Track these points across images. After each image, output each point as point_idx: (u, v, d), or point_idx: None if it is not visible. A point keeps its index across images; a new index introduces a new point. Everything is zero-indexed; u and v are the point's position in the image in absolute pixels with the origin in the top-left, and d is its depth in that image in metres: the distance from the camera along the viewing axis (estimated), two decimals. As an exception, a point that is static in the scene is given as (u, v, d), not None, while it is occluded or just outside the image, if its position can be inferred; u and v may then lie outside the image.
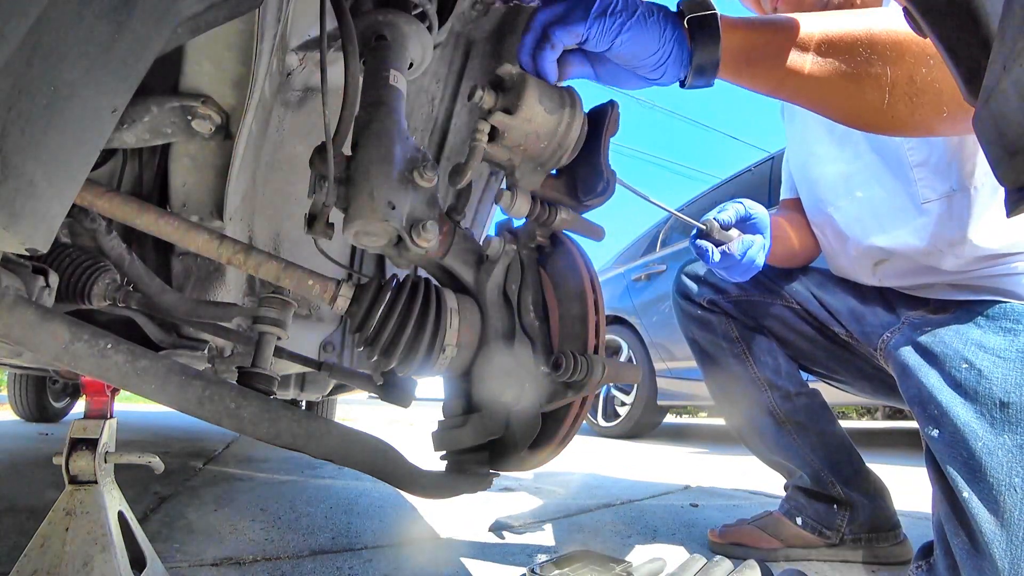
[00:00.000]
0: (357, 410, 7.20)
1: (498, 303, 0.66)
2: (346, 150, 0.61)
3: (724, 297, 1.19)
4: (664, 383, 3.72)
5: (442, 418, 0.68)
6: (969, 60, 0.34)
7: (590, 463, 2.62)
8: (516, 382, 0.61)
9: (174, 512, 1.33)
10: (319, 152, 0.57)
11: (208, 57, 0.60)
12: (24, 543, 0.70)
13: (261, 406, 0.56)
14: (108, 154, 0.77)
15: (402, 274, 0.68)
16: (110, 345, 0.51)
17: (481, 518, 1.40)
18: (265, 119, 0.82)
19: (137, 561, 0.76)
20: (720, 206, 1.00)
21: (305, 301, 1.21)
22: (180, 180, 0.76)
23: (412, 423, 5.41)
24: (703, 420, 8.26)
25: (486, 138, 0.58)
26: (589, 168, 0.65)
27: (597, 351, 0.61)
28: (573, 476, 2.20)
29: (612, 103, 0.65)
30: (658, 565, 0.86)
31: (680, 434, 4.83)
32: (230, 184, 0.74)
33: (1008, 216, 0.30)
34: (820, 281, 1.14)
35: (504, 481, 1.93)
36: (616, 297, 4.20)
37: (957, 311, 0.90)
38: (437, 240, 0.61)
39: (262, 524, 1.24)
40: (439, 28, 0.78)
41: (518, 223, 0.70)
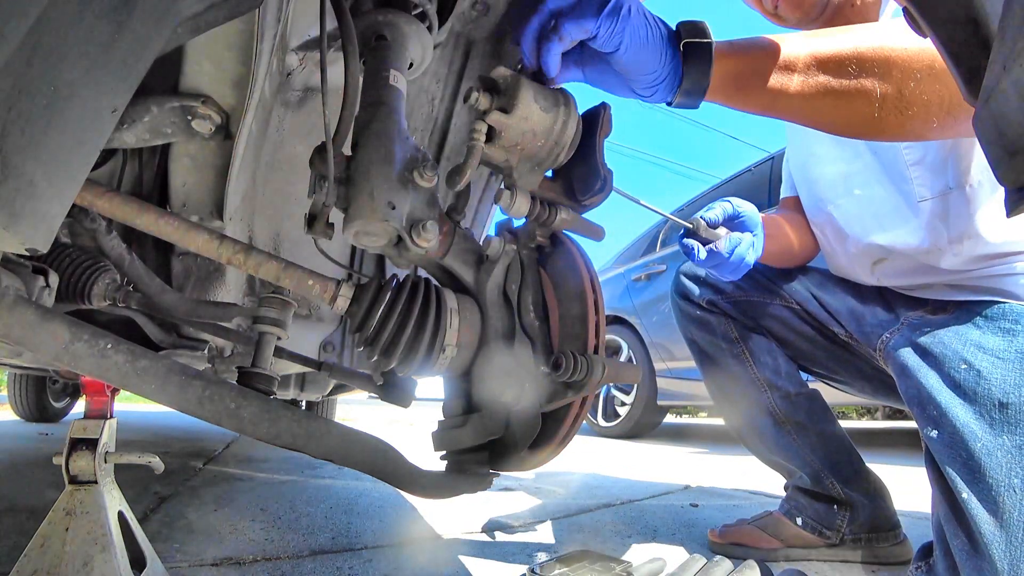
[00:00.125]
0: (357, 410, 7.20)
1: (498, 303, 0.66)
2: (346, 150, 0.61)
3: (723, 297, 1.19)
4: (664, 383, 3.72)
5: (442, 418, 0.68)
6: (969, 60, 0.34)
7: (590, 463, 2.62)
8: (516, 382, 0.61)
9: (174, 512, 1.33)
10: (319, 152, 0.57)
11: (208, 57, 0.60)
12: (24, 543, 0.70)
13: (261, 406, 0.56)
14: (108, 154, 0.78)
15: (402, 274, 0.68)
16: (110, 345, 0.51)
17: (481, 518, 1.40)
18: (265, 119, 0.82)
19: (137, 561, 0.76)
20: (708, 205, 1.01)
21: (305, 301, 1.21)
22: (180, 180, 0.76)
23: (412, 423, 5.41)
24: (703, 420, 8.26)
25: (484, 138, 0.58)
26: (586, 168, 0.66)
27: (597, 351, 0.61)
28: (573, 476, 2.20)
29: (604, 105, 0.66)
30: (658, 565, 0.86)
31: (680, 434, 4.83)
32: (230, 184, 0.74)
33: (1008, 216, 0.30)
34: (819, 281, 1.14)
35: (504, 481, 1.93)
36: (616, 297, 4.20)
37: (956, 311, 0.90)
38: (437, 240, 0.61)
39: (262, 524, 1.24)
40: (439, 28, 0.78)
41: (518, 223, 0.70)
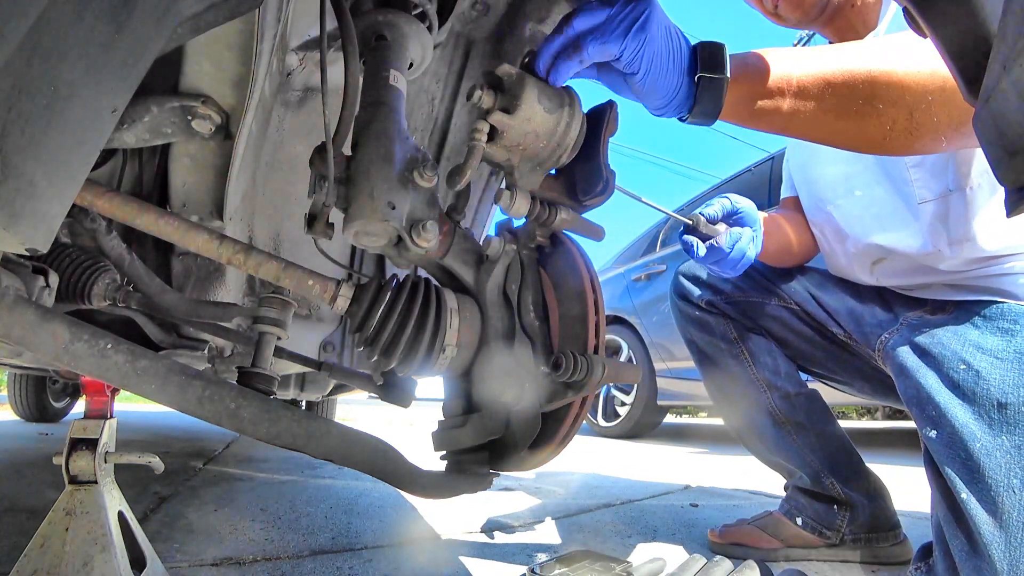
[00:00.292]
0: (357, 410, 7.20)
1: (498, 303, 0.65)
2: (346, 150, 0.61)
3: (722, 298, 1.19)
4: (664, 383, 3.72)
5: (442, 418, 0.68)
6: (969, 60, 0.34)
7: (590, 463, 2.62)
8: (516, 382, 0.61)
9: (174, 512, 1.33)
10: (319, 152, 0.57)
11: (208, 57, 0.60)
12: (24, 543, 0.70)
13: (261, 406, 0.56)
14: (108, 154, 0.78)
15: (402, 274, 0.68)
16: (110, 345, 0.51)
17: (481, 518, 1.40)
18: (265, 119, 0.82)
19: (137, 561, 0.76)
20: (707, 202, 1.01)
21: (305, 301, 1.21)
22: (180, 180, 0.76)
23: (412, 423, 5.41)
24: (703, 420, 8.26)
25: (485, 138, 0.58)
26: (588, 168, 0.65)
27: (597, 351, 0.61)
28: (573, 476, 2.20)
29: (611, 103, 0.65)
30: (658, 565, 0.86)
31: (680, 434, 4.83)
32: (230, 184, 0.74)
33: (1008, 216, 0.30)
34: (818, 281, 1.14)
35: (504, 481, 1.93)
36: (616, 297, 4.20)
37: (955, 312, 0.90)
38: (437, 240, 0.61)
39: (262, 524, 1.24)
40: (439, 28, 0.78)
41: (518, 223, 0.70)
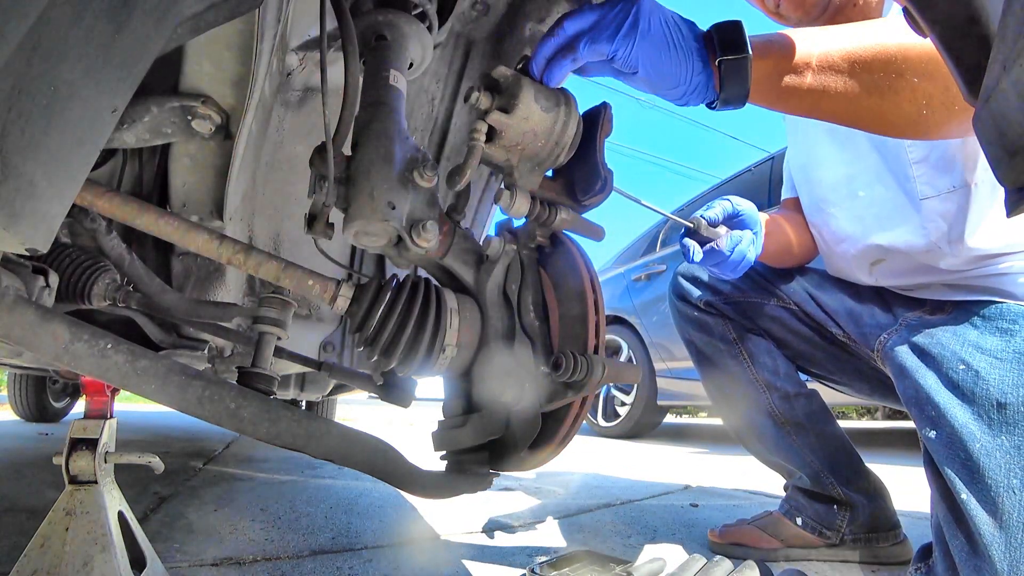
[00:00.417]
0: (357, 410, 7.20)
1: (498, 303, 0.65)
2: (346, 150, 0.61)
3: (721, 299, 1.19)
4: (664, 383, 3.72)
5: (442, 418, 0.68)
6: (969, 60, 0.34)
7: (590, 463, 2.62)
8: (516, 382, 0.61)
9: (174, 512, 1.33)
10: (319, 152, 0.57)
11: (208, 57, 0.60)
12: (24, 543, 0.70)
13: (261, 406, 0.56)
14: (108, 154, 0.78)
15: (402, 274, 0.68)
16: (110, 345, 0.51)
17: (481, 518, 1.40)
18: (265, 119, 0.82)
19: (137, 561, 0.76)
20: (708, 204, 1.01)
21: (305, 301, 1.21)
22: (180, 180, 0.76)
23: (412, 423, 5.41)
24: (703, 420, 8.26)
25: (484, 138, 0.58)
26: (586, 168, 0.66)
27: (597, 351, 0.61)
28: (573, 476, 2.20)
29: (605, 104, 0.66)
30: (658, 565, 0.86)
31: (680, 434, 4.83)
32: (230, 184, 0.74)
33: (1008, 216, 0.30)
34: (817, 282, 1.14)
35: (504, 481, 1.93)
36: (616, 297, 4.20)
37: (954, 312, 0.90)
38: (437, 240, 0.61)
39: (262, 524, 1.24)
40: (439, 28, 0.78)
41: (518, 223, 0.70)
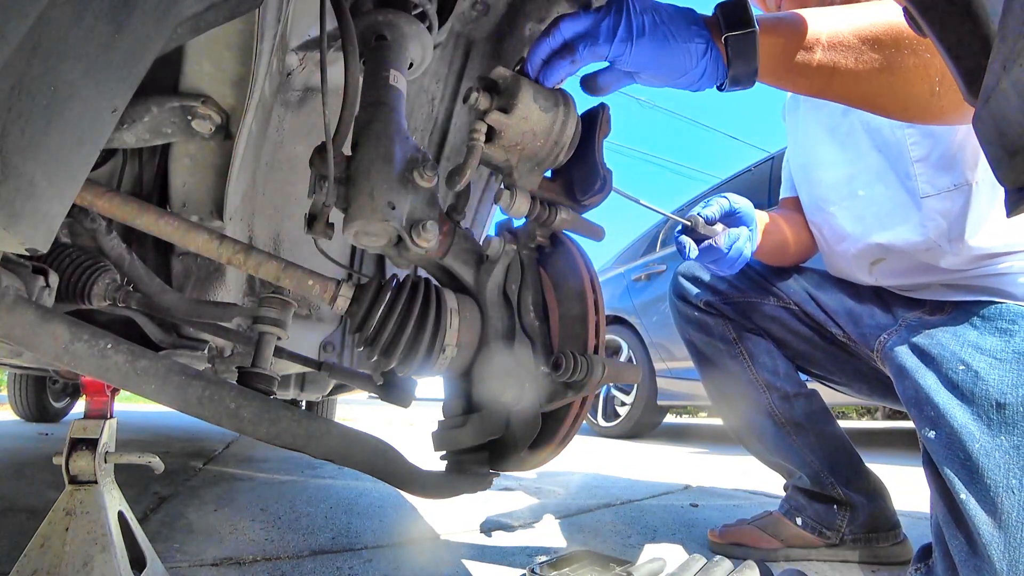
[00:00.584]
0: (357, 410, 7.20)
1: (498, 303, 0.66)
2: (346, 150, 0.61)
3: (721, 299, 1.19)
4: (664, 383, 3.72)
5: (442, 418, 0.68)
6: (969, 60, 0.34)
7: (590, 463, 2.62)
8: (516, 382, 0.61)
9: (174, 512, 1.32)
10: (319, 152, 0.57)
11: (208, 57, 0.60)
12: (24, 543, 0.70)
13: (261, 406, 0.56)
14: (108, 154, 0.78)
15: (402, 274, 0.68)
16: (110, 345, 0.51)
17: (481, 518, 1.40)
18: (265, 119, 0.82)
19: (137, 561, 0.76)
20: (704, 201, 1.00)
21: (305, 301, 1.21)
22: (180, 180, 0.76)
23: (412, 423, 5.41)
24: (703, 420, 8.26)
25: (483, 138, 0.58)
26: (585, 168, 0.66)
27: (597, 351, 0.61)
28: (573, 476, 2.20)
29: (603, 105, 0.66)
30: (658, 565, 0.86)
31: (680, 434, 4.83)
32: (230, 184, 0.74)
33: (1008, 216, 0.30)
34: (817, 282, 1.14)
35: (504, 481, 1.93)
36: (616, 297, 4.20)
37: (953, 312, 0.90)
38: (437, 240, 0.61)
39: (262, 524, 1.24)
40: (439, 28, 0.78)
41: (518, 223, 0.70)
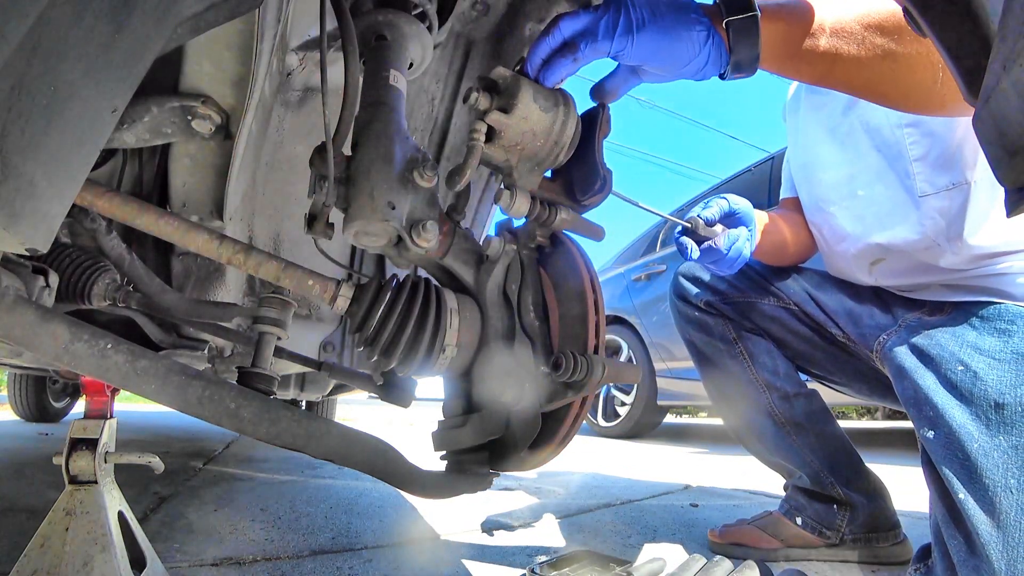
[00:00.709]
0: (357, 410, 7.20)
1: (498, 303, 0.66)
2: (346, 150, 0.61)
3: (721, 299, 1.19)
4: (664, 383, 3.72)
5: (442, 418, 0.68)
6: (969, 60, 0.34)
7: (590, 463, 2.62)
8: (516, 382, 0.61)
9: (174, 512, 1.32)
10: (319, 152, 0.57)
11: (208, 57, 0.60)
12: (24, 543, 0.70)
13: (261, 406, 0.56)
14: (108, 154, 0.78)
15: (402, 274, 0.68)
16: (110, 345, 0.51)
17: (481, 518, 1.40)
18: (265, 119, 0.82)
19: (137, 561, 0.76)
20: (704, 202, 1.01)
21: (305, 301, 1.21)
22: (180, 180, 0.76)
23: (412, 423, 5.41)
24: (703, 420, 8.26)
25: (483, 137, 0.58)
26: (585, 168, 0.66)
27: (597, 351, 0.61)
28: (573, 476, 2.20)
29: (603, 105, 0.67)
30: (658, 565, 0.86)
31: (680, 434, 4.83)
32: (230, 184, 0.74)
33: (1008, 216, 0.30)
34: (817, 282, 1.14)
35: (504, 481, 1.93)
36: (616, 297, 4.20)
37: (953, 313, 0.90)
38: (437, 240, 0.61)
39: (262, 524, 1.24)
40: (439, 28, 0.78)
41: (518, 223, 0.70)
